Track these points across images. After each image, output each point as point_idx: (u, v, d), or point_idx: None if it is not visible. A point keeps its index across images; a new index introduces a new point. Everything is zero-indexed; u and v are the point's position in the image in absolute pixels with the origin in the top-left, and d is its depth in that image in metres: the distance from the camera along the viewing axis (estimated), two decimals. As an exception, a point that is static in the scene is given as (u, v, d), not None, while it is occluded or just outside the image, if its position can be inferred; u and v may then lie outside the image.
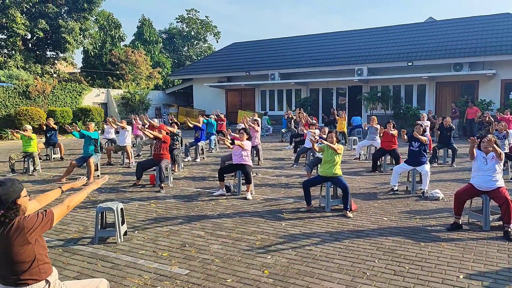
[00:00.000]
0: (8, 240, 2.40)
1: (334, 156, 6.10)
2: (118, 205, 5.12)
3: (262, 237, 5.03)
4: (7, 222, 2.42)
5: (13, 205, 2.43)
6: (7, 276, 2.47)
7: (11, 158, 10.11)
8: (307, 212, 6.14)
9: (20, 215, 2.48)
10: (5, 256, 2.42)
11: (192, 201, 7.05)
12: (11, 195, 2.44)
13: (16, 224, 2.43)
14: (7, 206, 2.41)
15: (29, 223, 2.45)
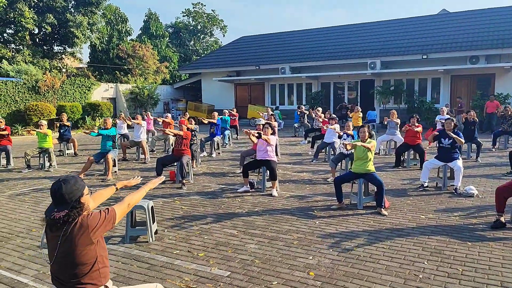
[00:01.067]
0: (72, 240, 2.25)
1: (367, 152, 5.88)
2: (149, 203, 4.95)
3: (298, 236, 4.85)
4: (70, 221, 2.26)
5: (77, 204, 2.30)
6: (66, 280, 2.31)
7: (26, 154, 9.97)
8: (339, 210, 5.94)
9: (83, 213, 2.33)
10: (67, 257, 2.27)
11: (217, 198, 6.88)
12: (75, 193, 2.31)
13: (80, 222, 2.29)
14: (71, 205, 2.27)
15: (92, 222, 2.31)
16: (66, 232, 2.24)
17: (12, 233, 5.22)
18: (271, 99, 24.94)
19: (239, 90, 26.19)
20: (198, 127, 11.38)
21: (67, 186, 2.29)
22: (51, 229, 2.29)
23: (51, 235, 2.31)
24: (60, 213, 2.23)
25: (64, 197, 2.26)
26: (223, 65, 26.00)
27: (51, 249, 2.32)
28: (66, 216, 2.24)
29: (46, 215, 2.29)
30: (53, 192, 2.29)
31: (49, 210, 2.31)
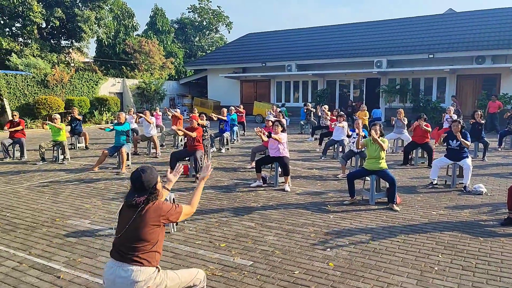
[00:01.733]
0: (145, 218, 2.60)
1: (380, 151, 6.03)
2: (171, 195, 5.12)
3: (314, 230, 5.02)
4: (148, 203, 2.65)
5: (154, 190, 2.68)
6: (127, 252, 2.60)
7: (41, 147, 10.16)
8: (351, 205, 6.11)
9: (159, 198, 2.72)
10: (136, 232, 2.60)
11: (231, 192, 7.05)
12: (152, 181, 2.68)
13: (156, 204, 2.67)
14: (149, 191, 2.65)
15: (165, 207, 2.70)
16: (141, 210, 2.62)
17: (37, 223, 5.41)
18: (277, 96, 25.08)
19: (245, 87, 26.33)
20: (209, 123, 11.56)
21: (145, 174, 2.67)
22: (129, 208, 2.66)
23: (127, 212, 2.67)
24: (141, 198, 2.63)
25: (143, 184, 2.64)
26: (229, 61, 26.12)
27: (122, 223, 2.65)
28: (146, 200, 2.64)
29: (127, 199, 2.67)
30: (133, 180, 2.68)
31: (129, 195, 2.69)
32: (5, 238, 4.81)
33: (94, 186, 7.58)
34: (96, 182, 7.94)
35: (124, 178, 8.29)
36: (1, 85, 18.89)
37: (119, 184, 7.74)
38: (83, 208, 6.08)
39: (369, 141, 6.20)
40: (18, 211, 5.96)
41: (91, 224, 5.33)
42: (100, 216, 5.67)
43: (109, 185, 7.62)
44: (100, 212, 5.87)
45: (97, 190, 7.27)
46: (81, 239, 4.79)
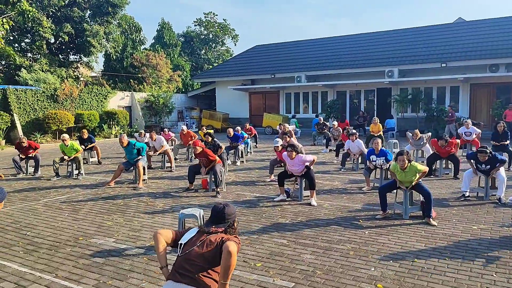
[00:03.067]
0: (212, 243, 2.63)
1: (412, 177, 5.76)
2: (200, 211, 4.90)
3: (352, 247, 4.76)
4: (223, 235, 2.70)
5: (232, 225, 2.80)
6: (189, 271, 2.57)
7: (55, 162, 10.00)
8: (384, 219, 5.85)
9: (235, 237, 2.73)
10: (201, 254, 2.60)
11: (255, 207, 6.81)
12: (232, 216, 2.82)
13: (229, 238, 2.66)
14: (228, 224, 2.76)
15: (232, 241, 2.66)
16: (214, 235, 2.68)
17: (60, 242, 5.19)
18: (286, 107, 24.95)
19: (254, 99, 26.24)
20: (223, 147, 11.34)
21: (229, 209, 2.82)
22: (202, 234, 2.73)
23: (200, 237, 2.70)
24: (218, 229, 2.73)
25: (224, 217, 2.77)
26: (238, 73, 26.10)
27: (190, 245, 2.67)
28: (223, 232, 2.73)
29: (205, 227, 2.78)
30: (216, 211, 2.80)
31: (206, 225, 2.80)
32: (28, 259, 4.59)
33: (113, 202, 7.37)
34: (115, 198, 7.73)
35: (143, 193, 8.08)
36: (11, 100, 18.89)
37: (138, 199, 7.53)
38: (105, 226, 5.86)
39: (395, 168, 5.90)
40: (38, 229, 5.75)
41: (116, 243, 5.10)
42: (124, 234, 5.45)
43: (128, 201, 7.41)
44: (123, 230, 5.64)
45: (116, 206, 7.06)
46: (108, 259, 4.55)
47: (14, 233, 5.58)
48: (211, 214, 2.83)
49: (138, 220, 6.14)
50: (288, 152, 6.93)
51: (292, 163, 6.98)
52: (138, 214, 6.47)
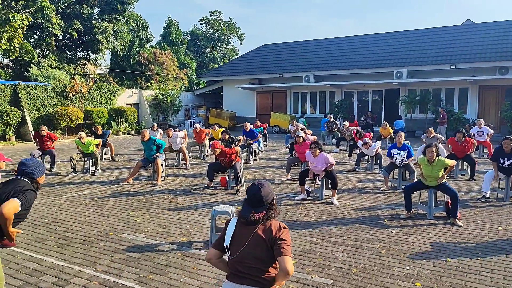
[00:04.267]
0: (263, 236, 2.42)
1: (439, 171, 5.82)
2: (233, 208, 4.96)
3: (382, 246, 4.82)
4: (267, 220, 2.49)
5: (272, 206, 2.52)
6: (247, 272, 2.42)
7: (72, 158, 10.07)
8: (409, 219, 5.90)
9: (276, 216, 2.53)
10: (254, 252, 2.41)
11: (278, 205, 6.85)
12: (270, 196, 2.52)
13: (275, 223, 2.48)
14: (267, 206, 2.49)
15: (284, 231, 2.48)
16: (261, 227, 2.44)
17: (91, 237, 5.26)
18: (293, 107, 25.00)
19: (261, 98, 26.28)
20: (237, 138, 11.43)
21: (264, 189, 2.49)
22: (245, 225, 2.47)
23: (244, 231, 2.46)
24: (259, 214, 2.45)
25: (262, 199, 2.47)
26: (245, 72, 26.14)
27: (238, 244, 2.45)
28: (265, 216, 2.47)
29: (244, 216, 2.47)
30: (252, 194, 2.49)
31: (245, 210, 2.49)
32: (64, 254, 4.66)
33: (135, 198, 7.43)
34: (135, 194, 7.79)
35: (163, 190, 8.15)
36: (22, 96, 18.98)
37: (159, 196, 7.59)
38: (132, 222, 5.93)
39: (422, 161, 5.95)
40: (66, 224, 5.82)
41: (146, 239, 5.16)
42: (153, 230, 5.51)
43: (149, 198, 7.47)
44: (151, 226, 5.70)
45: (139, 202, 7.12)
46: (143, 254, 4.62)
47: (44, 228, 5.65)
48: (247, 197, 2.53)
49: (163, 216, 6.21)
50: (312, 149, 6.98)
51: (315, 161, 7.03)
52: (163, 211, 6.53)
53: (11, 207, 3.14)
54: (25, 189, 3.28)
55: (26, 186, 3.32)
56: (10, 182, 3.36)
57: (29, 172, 3.42)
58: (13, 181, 3.35)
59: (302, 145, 8.87)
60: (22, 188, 3.28)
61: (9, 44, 8.51)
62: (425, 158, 5.87)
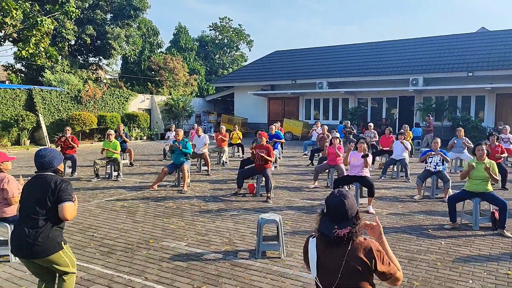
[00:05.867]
0: (356, 260, 2.09)
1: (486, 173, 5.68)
2: (280, 217, 4.82)
3: (436, 257, 4.65)
4: (353, 239, 2.11)
5: (356, 220, 2.14)
6: None
7: (95, 163, 9.98)
8: (453, 230, 5.74)
9: (361, 232, 2.16)
10: (349, 280, 2.10)
11: (313, 213, 6.72)
12: (354, 208, 2.15)
13: (363, 241, 2.13)
14: (352, 221, 2.11)
15: (375, 246, 2.14)
16: (351, 251, 2.10)
17: (131, 244, 5.13)
18: (306, 113, 24.89)
19: (272, 104, 26.20)
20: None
21: (348, 200, 2.13)
22: (330, 247, 2.14)
23: (330, 256, 2.14)
24: (344, 230, 2.08)
25: (347, 213, 2.11)
26: (257, 79, 26.10)
27: (328, 274, 2.14)
28: (350, 233, 2.09)
29: (324, 232, 2.12)
30: (335, 207, 2.12)
31: (325, 226, 2.13)
32: (109, 262, 4.53)
33: (165, 205, 7.31)
34: (164, 200, 7.67)
35: (191, 196, 8.02)
36: (37, 101, 18.99)
37: (189, 203, 7.46)
38: (169, 229, 5.80)
39: (472, 161, 5.83)
40: (103, 231, 5.70)
41: (188, 247, 5.03)
42: (193, 238, 5.37)
43: (179, 204, 7.34)
44: (190, 234, 5.57)
45: (170, 209, 7.00)
46: (190, 263, 4.48)
47: (81, 235, 5.53)
48: (327, 210, 2.15)
49: (199, 223, 6.07)
50: (360, 143, 6.90)
51: (357, 162, 6.92)
52: (197, 218, 6.40)
53: (71, 211, 3.09)
54: (61, 186, 3.07)
55: (57, 180, 3.10)
56: (37, 183, 3.14)
57: (48, 162, 3.17)
58: (39, 180, 3.13)
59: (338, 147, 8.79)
60: (56, 185, 3.06)
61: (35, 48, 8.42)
62: (474, 159, 5.77)
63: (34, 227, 3.00)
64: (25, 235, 2.99)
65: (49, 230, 3.02)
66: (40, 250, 2.98)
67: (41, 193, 3.05)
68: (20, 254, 3.07)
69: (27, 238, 2.98)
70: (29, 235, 2.98)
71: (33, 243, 2.96)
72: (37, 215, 3.02)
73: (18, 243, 3.04)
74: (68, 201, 3.06)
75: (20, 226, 3.05)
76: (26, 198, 3.12)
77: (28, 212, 3.05)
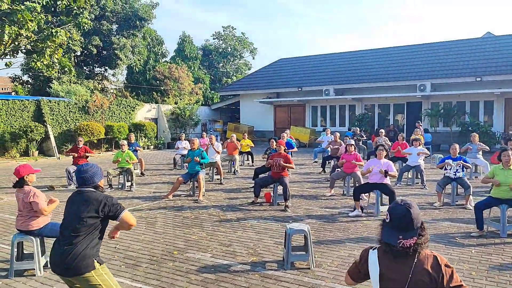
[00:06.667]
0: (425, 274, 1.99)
1: None
2: (308, 227, 4.73)
3: (470, 267, 4.55)
4: (418, 251, 2.01)
5: (422, 230, 2.04)
6: None
7: (109, 174, 9.93)
8: (481, 238, 5.63)
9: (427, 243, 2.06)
10: None
11: (334, 222, 6.63)
12: (419, 218, 2.05)
13: (431, 255, 2.04)
14: (417, 231, 2.02)
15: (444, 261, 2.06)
16: (417, 264, 2.01)
17: (155, 256, 5.05)
18: (312, 120, 24.85)
19: (279, 112, 26.20)
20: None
21: (414, 210, 2.03)
22: (394, 259, 2.05)
23: (395, 269, 2.05)
24: (409, 240, 1.99)
25: (413, 223, 2.01)
26: (263, 86, 26.14)
27: (392, 282, 2.04)
28: (416, 244, 2.00)
29: (388, 242, 2.02)
30: (399, 217, 2.02)
31: (389, 236, 2.02)
32: (136, 274, 4.45)
33: (183, 215, 7.23)
34: (181, 210, 7.60)
35: (207, 206, 7.94)
36: (45, 112, 19.03)
37: (207, 213, 7.38)
38: (191, 240, 5.71)
39: (496, 169, 5.74)
40: (124, 242, 5.62)
41: (214, 258, 4.94)
42: (217, 249, 5.29)
43: (197, 214, 7.27)
44: (213, 244, 5.48)
45: (189, 219, 6.92)
46: (219, 275, 4.39)
47: (103, 247, 5.44)
48: (390, 220, 2.05)
49: (221, 234, 5.99)
50: (379, 151, 6.83)
51: (376, 171, 6.84)
52: (218, 228, 6.31)
53: (131, 217, 3.13)
54: (106, 202, 3.00)
55: (98, 197, 3.02)
56: (78, 199, 3.06)
57: (90, 178, 3.11)
58: (80, 197, 3.05)
59: (351, 155, 8.70)
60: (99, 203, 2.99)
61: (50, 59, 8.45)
62: (498, 166, 5.67)
63: (70, 244, 2.93)
64: (60, 252, 2.92)
65: (84, 248, 2.93)
66: (72, 268, 2.89)
67: (81, 210, 2.98)
68: (55, 271, 3.00)
69: (61, 256, 2.91)
70: (63, 252, 2.91)
71: (66, 261, 2.88)
72: (74, 232, 2.95)
73: (54, 259, 2.97)
74: (123, 210, 3.06)
75: (58, 242, 2.99)
76: (67, 213, 3.07)
77: (67, 228, 2.99)
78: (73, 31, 24.57)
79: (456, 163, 7.70)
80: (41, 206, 4.37)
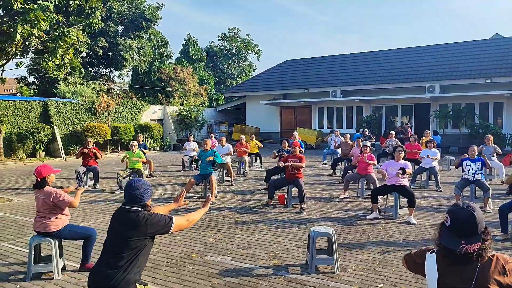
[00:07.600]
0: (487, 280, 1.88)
1: None
2: (333, 230, 4.61)
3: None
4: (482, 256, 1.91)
5: (486, 236, 1.94)
6: None
7: (119, 175, 9.84)
8: (506, 241, 5.49)
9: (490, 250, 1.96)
10: None
11: (352, 225, 6.50)
12: (483, 223, 1.94)
13: (497, 260, 1.93)
14: (481, 236, 1.92)
15: None
16: (481, 270, 1.89)
17: (174, 259, 4.93)
18: (319, 122, 24.72)
19: (285, 113, 26.08)
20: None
21: (478, 214, 1.92)
22: (455, 265, 1.94)
23: (453, 272, 1.95)
24: (473, 246, 1.88)
25: (477, 227, 1.90)
26: (269, 88, 26.04)
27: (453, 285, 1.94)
28: (479, 249, 1.89)
29: (450, 247, 1.91)
30: (463, 221, 1.91)
31: (450, 241, 1.92)
32: (157, 278, 4.33)
33: (197, 217, 7.10)
34: (195, 212, 7.47)
35: (221, 208, 7.83)
36: (52, 113, 18.99)
37: (221, 215, 7.27)
38: (209, 242, 5.60)
39: None
40: (141, 245, 5.50)
41: (234, 261, 4.82)
42: (236, 252, 5.17)
43: (212, 216, 7.15)
44: (231, 247, 5.36)
45: (203, 221, 6.80)
46: (242, 279, 4.27)
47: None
48: (452, 223, 1.93)
49: (238, 236, 5.87)
50: (398, 152, 6.73)
51: (393, 173, 6.72)
52: (234, 231, 6.20)
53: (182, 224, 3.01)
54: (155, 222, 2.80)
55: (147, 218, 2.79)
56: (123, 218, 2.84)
57: (140, 196, 2.85)
58: (126, 216, 2.83)
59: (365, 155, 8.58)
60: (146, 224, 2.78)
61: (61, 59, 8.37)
62: None
63: (114, 268, 2.73)
64: (104, 275, 2.73)
65: (128, 273, 2.74)
66: None
67: (125, 230, 2.78)
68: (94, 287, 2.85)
69: (104, 279, 2.72)
70: (107, 276, 2.71)
71: (107, 282, 2.70)
72: (117, 252, 2.76)
73: (95, 278, 2.79)
74: (171, 225, 2.86)
75: (101, 260, 2.81)
76: (110, 231, 2.87)
77: (110, 246, 2.81)
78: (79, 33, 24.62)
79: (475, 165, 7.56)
80: (68, 200, 4.37)
